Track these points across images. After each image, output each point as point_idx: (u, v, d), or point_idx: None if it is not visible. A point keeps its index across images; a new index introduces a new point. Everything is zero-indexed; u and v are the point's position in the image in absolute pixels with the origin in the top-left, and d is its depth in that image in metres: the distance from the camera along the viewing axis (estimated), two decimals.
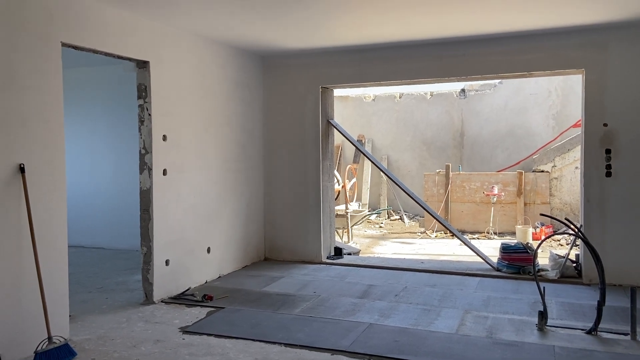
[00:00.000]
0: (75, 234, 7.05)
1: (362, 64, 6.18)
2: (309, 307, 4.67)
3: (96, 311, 4.57)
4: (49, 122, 3.76)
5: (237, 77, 6.09)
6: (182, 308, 4.66)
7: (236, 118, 6.10)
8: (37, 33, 3.66)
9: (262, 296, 5.01)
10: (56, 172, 3.83)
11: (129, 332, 4.04)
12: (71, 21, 3.94)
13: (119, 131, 7.32)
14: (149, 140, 4.77)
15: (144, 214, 4.80)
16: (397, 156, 11.30)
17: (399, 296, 5.02)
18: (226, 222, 5.92)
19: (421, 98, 11.11)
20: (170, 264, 5.00)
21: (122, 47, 4.44)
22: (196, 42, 5.38)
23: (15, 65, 3.51)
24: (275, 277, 5.76)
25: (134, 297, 5.00)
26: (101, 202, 7.47)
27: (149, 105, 4.76)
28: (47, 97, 3.75)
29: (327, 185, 6.63)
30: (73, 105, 6.82)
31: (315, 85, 6.42)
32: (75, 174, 7.16)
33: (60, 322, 3.78)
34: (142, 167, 4.80)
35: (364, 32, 5.32)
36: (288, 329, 4.10)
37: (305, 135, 6.48)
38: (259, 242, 6.61)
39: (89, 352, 3.64)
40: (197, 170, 5.42)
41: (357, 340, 3.86)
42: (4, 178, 3.44)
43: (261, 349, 3.71)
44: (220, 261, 5.81)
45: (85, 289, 5.29)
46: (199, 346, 3.77)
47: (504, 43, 5.59)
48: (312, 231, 6.48)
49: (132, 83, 6.01)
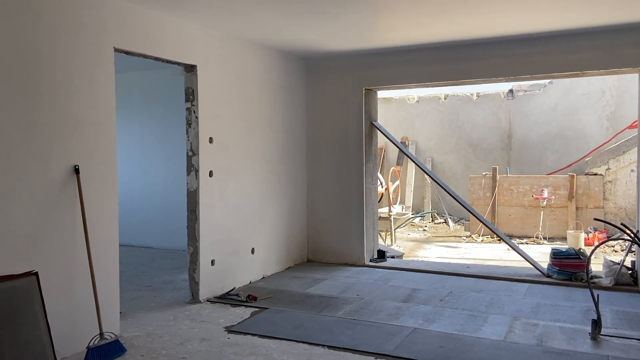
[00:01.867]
0: (126, 233, 7.28)
1: (406, 65, 6.12)
2: (352, 309, 4.65)
3: (145, 309, 4.70)
4: (102, 125, 3.90)
5: (281, 80, 6.15)
6: (227, 308, 4.73)
7: (280, 121, 6.15)
8: (91, 39, 3.81)
9: (305, 298, 5.02)
10: (108, 173, 3.96)
11: (176, 330, 4.14)
12: (123, 27, 4.08)
13: (167, 133, 7.52)
14: (196, 142, 4.88)
15: (190, 215, 4.91)
16: (442, 158, 11.11)
17: (444, 301, 4.93)
18: (270, 224, 5.98)
19: (467, 99, 10.89)
20: (216, 264, 5.08)
21: (171, 51, 4.56)
22: (242, 46, 5.47)
23: (70, 71, 3.66)
24: (318, 279, 5.77)
25: (180, 295, 5.12)
26: (150, 203, 7.69)
27: (196, 108, 4.87)
28: (100, 101, 3.89)
29: (370, 188, 6.59)
30: (124, 109, 7.06)
31: (358, 87, 6.39)
32: (126, 175, 7.41)
33: (111, 318, 3.91)
34: (189, 168, 4.91)
35: (409, 33, 5.26)
36: (331, 331, 4.10)
37: (349, 138, 6.46)
38: (301, 243, 6.63)
39: (138, 349, 3.75)
40: (242, 172, 5.50)
41: (401, 344, 3.81)
42: (61, 179, 3.59)
43: (305, 351, 3.72)
44: (263, 262, 5.87)
45: (134, 287, 5.45)
46: (243, 346, 3.81)
47: (555, 42, 5.41)
48: (355, 234, 6.45)
49: (180, 87, 6.17)
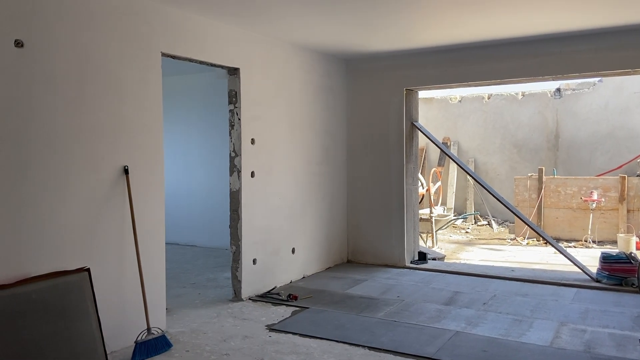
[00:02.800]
0: (171, 232, 7.50)
1: (448, 65, 6.04)
2: (392, 311, 4.63)
3: (190, 305, 4.83)
4: (150, 127, 4.04)
5: (321, 81, 6.19)
6: (269, 306, 4.80)
7: (320, 122, 6.19)
8: (140, 45, 3.95)
9: (346, 298, 5.03)
10: (156, 173, 4.10)
11: (220, 327, 4.23)
12: (170, 33, 4.21)
13: (211, 135, 7.69)
14: (239, 143, 4.97)
15: (233, 214, 5.00)
16: (485, 159, 10.88)
17: (488, 304, 4.83)
18: (310, 224, 6.02)
19: (512, 98, 10.63)
20: (257, 263, 5.16)
21: (215, 55, 4.67)
22: (283, 48, 5.54)
23: (121, 75, 3.81)
24: (358, 279, 5.76)
25: (223, 293, 5.23)
26: (195, 202, 7.89)
27: (239, 110, 4.96)
28: (148, 104, 4.03)
29: (411, 189, 6.53)
30: (170, 112, 7.26)
31: (399, 88, 6.35)
32: (171, 175, 7.63)
33: (158, 314, 4.04)
34: (232, 169, 5.01)
35: (451, 32, 5.19)
36: (372, 332, 4.09)
37: (389, 138, 6.43)
38: (341, 244, 6.65)
39: (183, 344, 3.85)
40: (283, 173, 5.56)
41: (443, 347, 3.77)
42: (111, 179, 3.74)
43: (345, 351, 3.73)
44: (304, 262, 5.91)
45: (179, 284, 5.60)
46: (284, 344, 3.86)
47: (604, 39, 5.21)
48: (395, 235, 6.41)
49: (223, 89, 6.31)
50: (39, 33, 3.28)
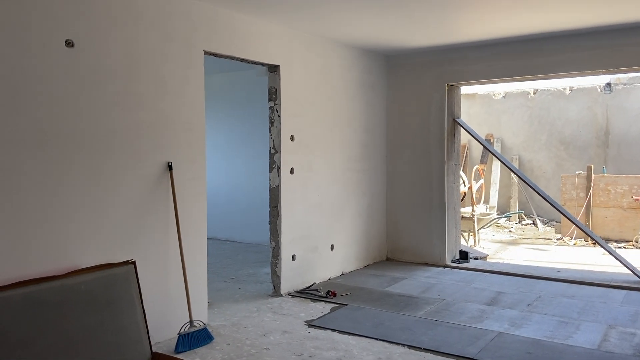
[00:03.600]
0: (212, 227, 7.64)
1: (492, 60, 5.89)
2: (433, 310, 4.56)
3: (230, 299, 4.91)
4: (192, 124, 4.12)
5: (361, 77, 6.15)
6: (307, 302, 4.82)
7: (360, 118, 6.16)
8: (183, 43, 4.03)
9: (385, 296, 5.00)
10: (198, 169, 4.17)
11: (259, 322, 4.28)
12: (212, 31, 4.28)
13: (251, 132, 7.78)
14: (278, 140, 5.00)
15: (272, 211, 5.05)
16: (530, 156, 10.58)
17: (532, 305, 4.70)
18: (349, 221, 6.01)
19: (559, 94, 10.28)
20: (297, 259, 5.19)
21: (256, 52, 4.71)
22: (323, 45, 5.53)
23: (164, 73, 3.90)
24: (397, 277, 5.71)
25: (263, 288, 5.28)
26: (235, 198, 8.00)
27: (279, 107, 4.99)
28: (192, 102, 4.11)
29: (452, 187, 6.42)
30: (211, 109, 7.39)
31: (441, 83, 6.24)
32: (213, 171, 7.76)
33: (200, 307, 4.12)
34: (271, 166, 5.05)
35: (497, 26, 5.05)
36: (412, 331, 4.04)
37: (430, 135, 6.33)
38: (380, 242, 6.60)
39: (224, 337, 3.92)
40: (322, 170, 5.56)
41: (485, 348, 3.68)
42: (156, 174, 3.83)
43: (384, 349, 3.71)
44: (343, 259, 5.91)
45: (220, 279, 5.70)
46: (323, 340, 3.87)
47: None
48: (436, 233, 6.31)
49: (263, 87, 6.37)
50: (88, 33, 3.39)
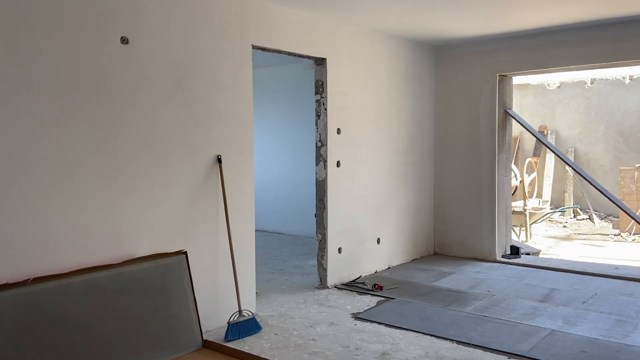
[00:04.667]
0: (260, 219, 7.77)
1: (545, 49, 5.67)
2: (482, 306, 4.47)
3: (277, 290, 4.98)
4: (241, 118, 4.19)
5: (408, 69, 6.07)
6: (354, 295, 4.82)
7: (407, 110, 6.08)
8: (232, 38, 4.10)
9: (432, 290, 4.93)
10: (246, 162, 4.25)
11: (306, 313, 4.32)
12: (260, 25, 4.32)
13: (297, 125, 7.83)
14: (325, 133, 5.02)
15: (319, 203, 5.07)
16: (587, 149, 10.14)
17: (587, 303, 4.52)
18: (395, 215, 5.96)
19: (618, 83, 9.79)
20: (343, 252, 5.20)
21: (303, 46, 4.73)
22: (370, 37, 5.49)
23: (215, 68, 3.98)
24: (445, 272, 5.63)
25: (309, 280, 5.33)
26: (282, 191, 8.10)
27: (325, 100, 5.00)
28: (241, 96, 4.18)
29: (503, 180, 6.24)
30: (259, 103, 7.50)
31: (491, 74, 6.07)
32: (260, 164, 7.88)
33: (248, 297, 4.20)
34: (318, 159, 5.07)
35: (552, 13, 4.86)
36: (460, 326, 3.98)
37: (480, 127, 6.18)
38: (428, 236, 6.52)
39: (272, 327, 3.99)
40: (368, 163, 5.54)
41: (537, 346, 3.58)
42: (206, 168, 3.93)
43: (432, 344, 3.67)
44: (389, 252, 5.87)
45: (268, 270, 5.79)
46: (370, 333, 3.86)
47: None
48: (485, 228, 6.17)
49: (309, 80, 6.39)
50: (142, 30, 3.50)
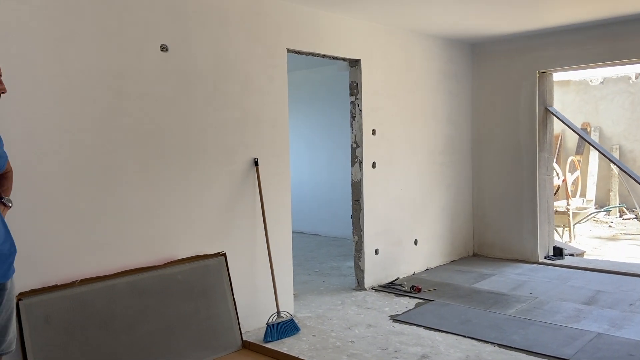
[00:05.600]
0: (296, 221, 7.79)
1: (588, 43, 5.49)
2: (524, 308, 4.36)
3: (315, 292, 5.00)
4: (277, 121, 4.23)
5: (444, 68, 5.99)
6: (391, 297, 4.79)
7: (443, 110, 6.00)
8: (267, 42, 4.15)
9: (472, 293, 4.85)
10: (282, 165, 4.29)
11: (344, 314, 4.32)
12: (294, 29, 4.36)
13: (333, 127, 7.85)
14: (360, 134, 5.01)
15: (355, 205, 5.06)
16: (632, 146, 9.76)
17: (635, 305, 4.35)
18: (432, 215, 5.89)
19: None
20: (380, 253, 5.18)
21: (337, 48, 4.74)
22: (405, 37, 5.45)
23: (251, 72, 4.04)
24: (485, 274, 5.52)
25: (346, 282, 5.33)
26: (318, 193, 8.12)
27: (360, 101, 4.99)
28: (276, 99, 4.22)
29: (544, 179, 6.08)
30: (293, 106, 7.55)
31: (531, 71, 5.93)
32: (296, 166, 7.92)
33: (286, 299, 4.23)
34: (353, 160, 5.07)
35: (594, 7, 4.70)
36: (501, 329, 3.90)
37: (519, 125, 6.04)
38: (467, 237, 6.41)
39: (310, 329, 4.00)
40: (404, 163, 5.49)
41: (582, 349, 3.47)
42: (243, 170, 3.99)
43: (472, 347, 3.60)
44: (427, 254, 5.80)
45: (305, 271, 5.82)
46: (408, 335, 3.83)
47: None
48: (527, 228, 6.02)
49: (344, 82, 6.39)
50: (180, 38, 3.59)
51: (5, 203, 2.36)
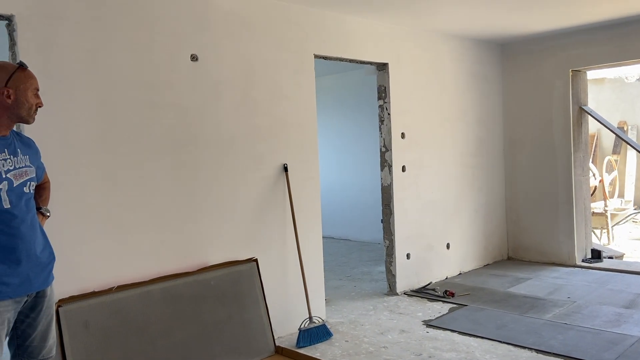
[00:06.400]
0: (326, 226, 7.80)
1: (624, 40, 5.33)
2: (562, 313, 4.25)
3: (347, 297, 4.98)
4: (305, 127, 4.25)
5: (473, 69, 5.91)
6: (424, 302, 4.73)
7: (473, 111, 5.92)
8: (294, 49, 4.17)
9: (507, 297, 4.75)
10: (311, 170, 4.30)
11: (376, 320, 4.29)
12: (321, 34, 4.38)
13: (361, 131, 7.83)
14: (389, 138, 4.98)
15: (385, 209, 5.03)
16: None
17: None
18: (465, 219, 5.80)
19: None
20: (411, 257, 5.12)
21: (364, 52, 4.73)
22: (433, 39, 5.41)
23: (278, 79, 4.07)
24: (520, 278, 5.40)
25: (378, 287, 5.29)
26: (348, 197, 8.10)
27: (388, 105, 4.97)
28: (304, 105, 4.24)
29: (580, 180, 5.92)
30: (321, 111, 7.57)
31: (563, 70, 5.79)
32: (325, 171, 7.93)
33: (318, 304, 4.23)
34: (382, 164, 5.04)
35: (626, 3, 4.57)
36: (539, 334, 3.80)
37: (553, 125, 5.90)
38: (501, 240, 6.28)
39: (342, 334, 3.99)
40: (434, 166, 5.43)
41: (623, 354, 3.35)
42: (273, 176, 4.02)
43: (509, 352, 3.52)
44: (460, 258, 5.71)
45: (336, 276, 5.80)
46: (443, 341, 3.77)
47: None
48: (563, 231, 5.87)
49: (371, 86, 6.38)
50: (209, 47, 3.65)
51: (44, 213, 2.43)
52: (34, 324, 2.25)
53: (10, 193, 2.10)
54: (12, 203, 2.10)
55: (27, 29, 2.86)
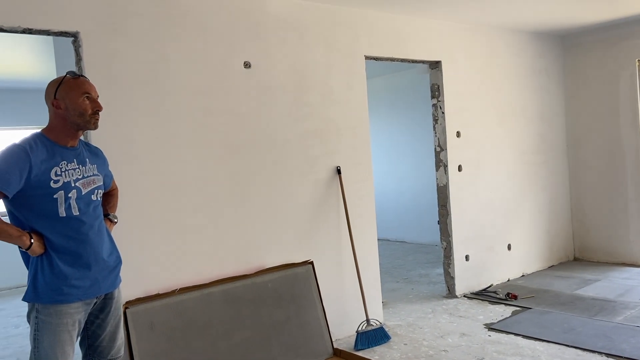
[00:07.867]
0: (382, 228, 7.74)
1: None
2: (634, 315, 4.00)
3: (404, 300, 4.91)
4: (358, 129, 4.23)
5: (532, 63, 5.69)
6: (485, 304, 4.60)
7: (533, 107, 5.70)
8: (345, 51, 4.18)
9: (574, 299, 4.53)
10: (364, 172, 4.28)
11: (435, 323, 4.20)
12: (371, 35, 4.36)
13: (414, 131, 7.73)
14: (444, 137, 4.88)
15: (441, 210, 4.93)
16: None
17: None
18: (527, 218, 5.58)
19: None
20: (470, 259, 4.99)
21: (415, 51, 4.67)
22: (488, 34, 5.26)
23: (329, 83, 4.08)
24: (588, 279, 5.14)
25: (436, 289, 5.18)
26: (402, 199, 8.01)
27: (442, 103, 4.87)
28: (356, 108, 4.23)
29: None
30: (374, 112, 7.53)
31: (629, 60, 5.48)
32: (379, 173, 7.88)
33: (375, 307, 4.20)
34: (437, 164, 4.95)
35: None
36: (609, 338, 3.60)
37: (620, 119, 5.59)
38: (566, 240, 6.01)
39: (400, 337, 3.94)
40: (492, 165, 5.27)
41: None
42: (327, 179, 4.03)
43: (577, 356, 3.36)
44: (522, 259, 5.51)
45: (393, 279, 5.74)
46: (506, 345, 3.65)
47: None
48: (634, 229, 5.54)
49: (424, 85, 6.28)
50: (262, 53, 3.71)
51: (112, 219, 2.55)
52: (103, 324, 2.36)
53: (79, 201, 2.22)
54: (80, 210, 2.22)
55: (92, 45, 3.02)
